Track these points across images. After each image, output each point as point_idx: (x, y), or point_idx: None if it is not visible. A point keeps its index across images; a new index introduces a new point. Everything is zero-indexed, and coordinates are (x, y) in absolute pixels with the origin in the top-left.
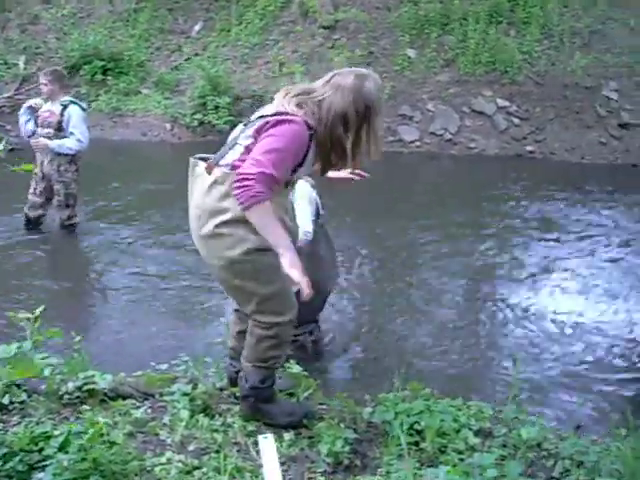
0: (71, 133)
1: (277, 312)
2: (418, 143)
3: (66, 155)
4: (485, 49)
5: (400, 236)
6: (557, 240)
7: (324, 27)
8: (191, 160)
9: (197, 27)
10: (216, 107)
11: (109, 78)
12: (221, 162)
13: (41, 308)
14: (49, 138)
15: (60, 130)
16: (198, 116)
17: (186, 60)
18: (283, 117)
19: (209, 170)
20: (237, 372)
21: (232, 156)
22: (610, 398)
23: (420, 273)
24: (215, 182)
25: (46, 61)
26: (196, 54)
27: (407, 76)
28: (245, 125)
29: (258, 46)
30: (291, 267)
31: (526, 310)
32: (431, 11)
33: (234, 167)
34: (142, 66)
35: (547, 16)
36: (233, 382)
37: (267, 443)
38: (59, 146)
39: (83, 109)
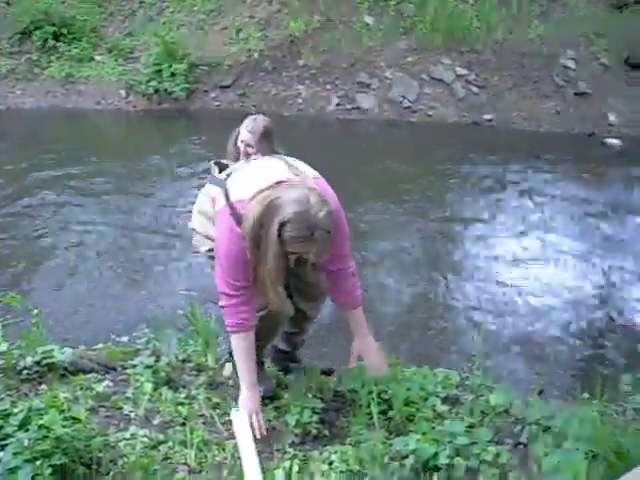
0: None
1: None
2: (376, 111)
3: None
4: (443, 17)
5: (357, 206)
6: (517, 207)
7: None
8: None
9: None
10: (172, 74)
11: (61, 44)
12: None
13: None
14: None
15: None
16: (153, 83)
17: (140, 26)
18: None
19: None
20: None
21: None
22: (569, 363)
23: (376, 243)
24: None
25: None
26: (151, 19)
27: (365, 43)
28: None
29: (214, 12)
30: (242, 404)
31: (483, 275)
32: None
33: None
34: (95, 32)
35: None
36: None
37: (239, 416)
38: None
39: None
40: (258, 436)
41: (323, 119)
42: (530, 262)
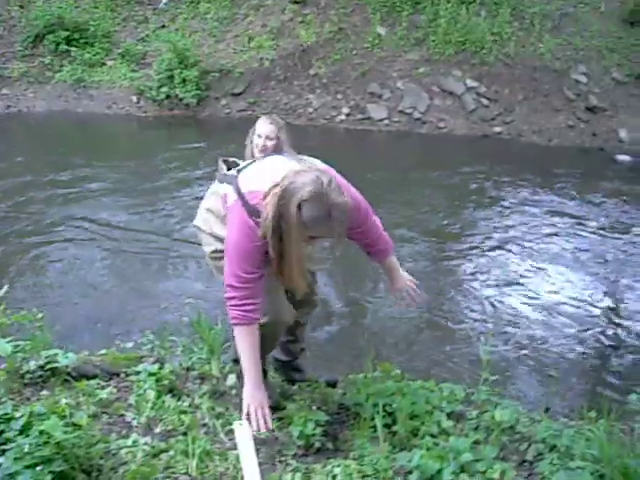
0: None
1: None
2: (387, 121)
3: None
4: (456, 29)
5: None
6: (524, 222)
7: (294, 2)
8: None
9: None
10: (183, 80)
11: (73, 49)
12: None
13: (5, 288)
14: None
15: None
16: (165, 89)
17: (153, 32)
18: None
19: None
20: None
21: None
22: (577, 379)
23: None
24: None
25: (9, 30)
26: (163, 26)
27: (377, 54)
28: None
29: (227, 20)
30: (247, 400)
31: (492, 289)
32: None
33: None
34: (108, 37)
35: None
36: None
37: (243, 430)
38: None
39: None
40: (263, 430)
41: (333, 129)
42: (536, 277)
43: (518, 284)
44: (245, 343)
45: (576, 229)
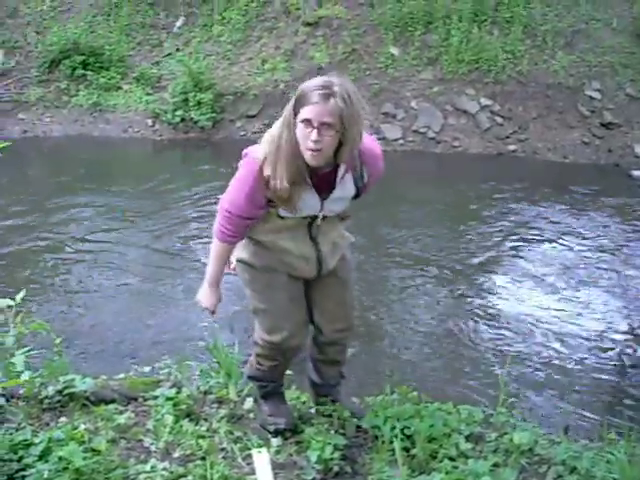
0: None
1: (264, 329)
2: (401, 141)
3: None
4: (468, 48)
5: (378, 236)
6: (540, 240)
7: (307, 24)
8: None
9: (179, 22)
10: (198, 103)
11: (89, 73)
12: None
13: (22, 294)
14: None
15: None
16: (180, 112)
17: (168, 55)
18: None
19: None
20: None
21: None
22: (595, 399)
23: (400, 273)
24: None
25: (25, 55)
26: (178, 49)
27: (390, 74)
28: None
29: (240, 42)
30: (200, 297)
31: (509, 310)
32: (415, 9)
33: None
34: (123, 61)
35: (530, 15)
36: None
37: (261, 458)
38: None
39: None
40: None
41: None
42: (553, 296)
43: (534, 304)
44: (217, 253)
45: (593, 246)
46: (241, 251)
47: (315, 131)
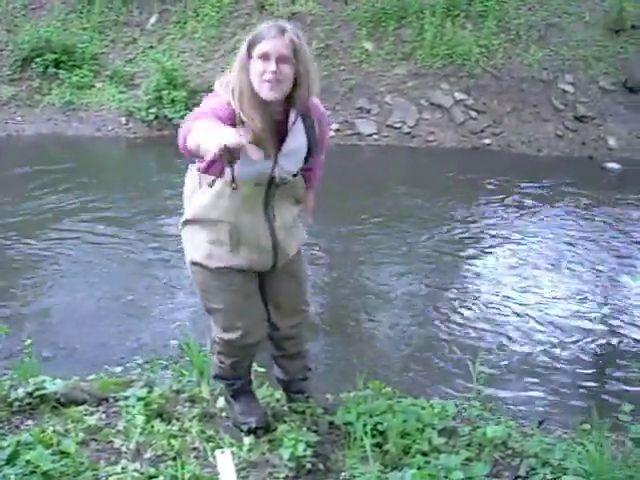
0: None
1: (219, 327)
2: (376, 136)
3: None
4: (442, 42)
5: (355, 229)
6: (514, 232)
7: (280, 19)
8: None
9: (152, 19)
10: (172, 101)
11: (62, 71)
12: None
13: None
14: None
15: None
16: (154, 110)
17: (141, 53)
18: None
19: None
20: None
21: None
22: (570, 390)
23: (374, 268)
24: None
25: None
26: (151, 47)
27: (364, 69)
28: None
29: (215, 39)
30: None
31: (483, 302)
32: (388, 4)
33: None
34: (96, 59)
35: (504, 9)
36: None
37: (225, 458)
38: None
39: None
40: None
41: None
42: (529, 290)
43: (510, 298)
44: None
45: (569, 239)
46: (194, 252)
47: (273, 62)
